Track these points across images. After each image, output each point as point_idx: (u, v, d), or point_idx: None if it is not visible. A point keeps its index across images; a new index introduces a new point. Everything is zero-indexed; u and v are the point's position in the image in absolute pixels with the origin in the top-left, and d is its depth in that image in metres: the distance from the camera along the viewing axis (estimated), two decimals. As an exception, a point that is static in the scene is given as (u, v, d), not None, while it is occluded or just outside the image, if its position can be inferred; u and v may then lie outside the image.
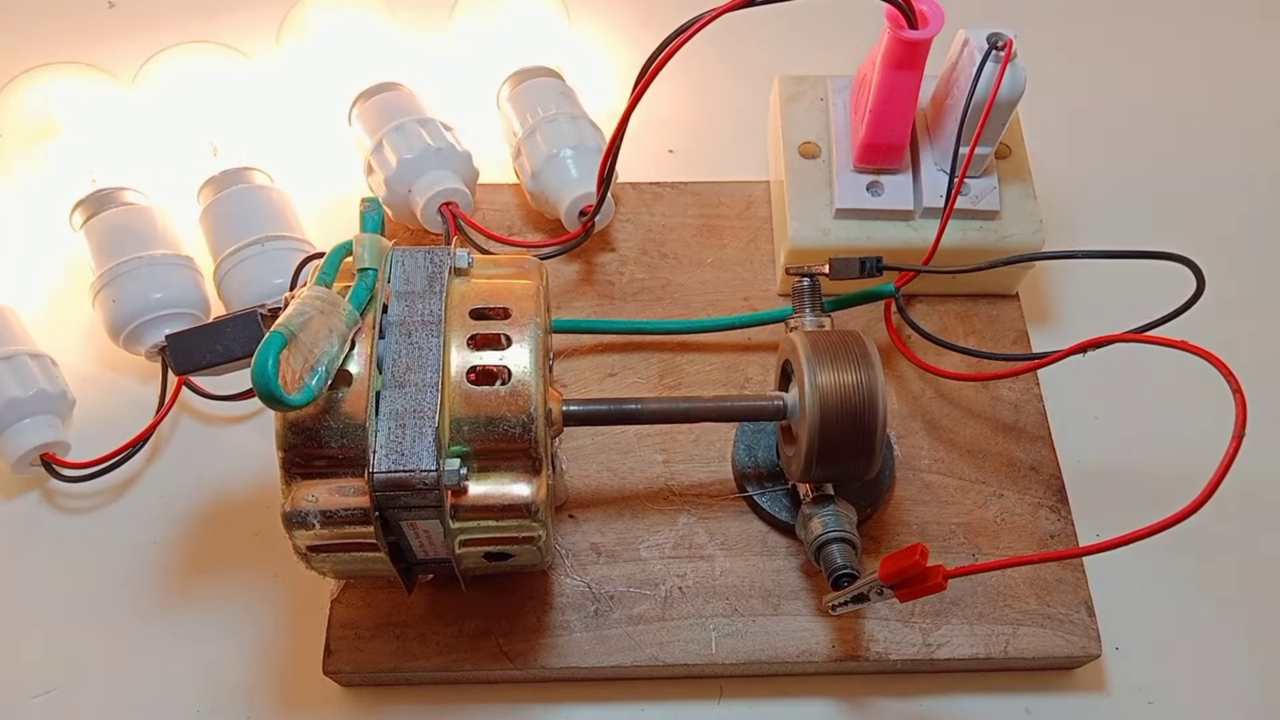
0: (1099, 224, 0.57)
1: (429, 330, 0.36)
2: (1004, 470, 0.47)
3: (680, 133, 0.59)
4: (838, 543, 0.40)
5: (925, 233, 0.48)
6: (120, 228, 0.49)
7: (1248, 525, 0.47)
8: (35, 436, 0.46)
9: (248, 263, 0.48)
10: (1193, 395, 0.48)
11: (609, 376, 0.50)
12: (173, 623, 0.45)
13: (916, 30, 0.42)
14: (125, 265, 0.48)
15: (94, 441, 0.47)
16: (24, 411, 0.46)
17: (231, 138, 0.52)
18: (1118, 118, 0.61)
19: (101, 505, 0.48)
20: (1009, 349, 0.50)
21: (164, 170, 0.53)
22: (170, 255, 0.49)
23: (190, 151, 0.52)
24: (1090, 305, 0.53)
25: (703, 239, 0.54)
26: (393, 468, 0.34)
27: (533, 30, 0.56)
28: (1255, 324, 0.53)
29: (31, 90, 0.51)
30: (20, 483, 0.48)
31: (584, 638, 0.43)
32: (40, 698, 0.43)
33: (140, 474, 0.49)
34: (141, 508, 0.48)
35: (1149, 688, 0.44)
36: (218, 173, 0.51)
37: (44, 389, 0.46)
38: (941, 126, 0.48)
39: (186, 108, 0.52)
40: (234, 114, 0.53)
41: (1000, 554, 0.45)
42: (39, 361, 0.47)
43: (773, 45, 0.58)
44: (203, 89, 0.53)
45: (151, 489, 0.48)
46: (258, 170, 0.52)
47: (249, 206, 0.50)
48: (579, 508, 0.46)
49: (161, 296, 0.47)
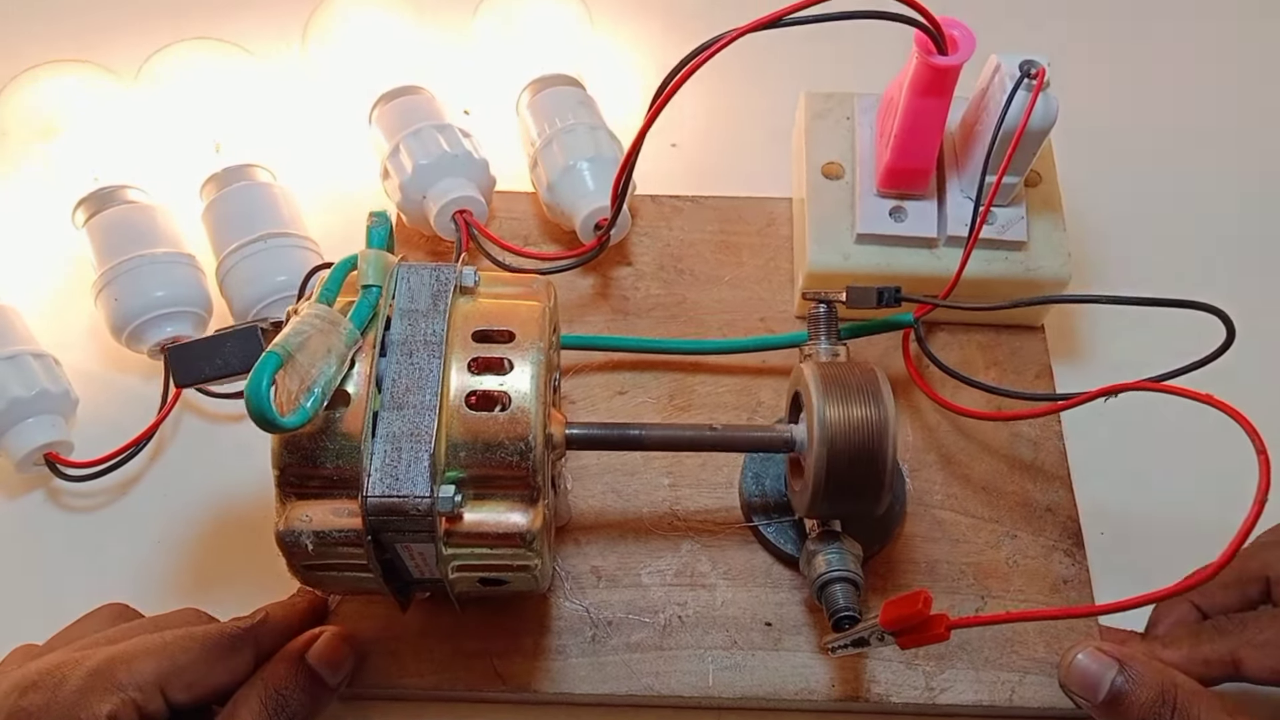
0: (1131, 259, 0.55)
1: (430, 351, 0.36)
2: (1019, 510, 0.46)
3: (702, 143, 0.58)
4: (840, 583, 0.39)
5: (948, 261, 0.47)
6: (122, 226, 0.49)
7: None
8: (39, 436, 0.46)
9: (250, 260, 0.48)
10: (1218, 446, 0.46)
11: (618, 394, 0.49)
12: None
13: (946, 56, 0.41)
14: (127, 264, 0.47)
15: (97, 440, 0.47)
16: (27, 411, 0.46)
17: (233, 135, 0.52)
18: (1157, 150, 0.58)
19: (105, 504, 0.48)
20: (1031, 383, 0.49)
21: (166, 168, 0.53)
22: (172, 253, 0.49)
23: (192, 149, 0.52)
24: (1119, 341, 0.52)
25: (721, 255, 0.53)
26: (387, 492, 0.34)
27: (555, 35, 0.55)
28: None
29: (33, 89, 0.51)
30: (24, 482, 0.48)
31: (580, 663, 0.42)
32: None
33: (143, 473, 0.49)
34: (144, 507, 0.48)
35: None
36: (220, 170, 0.51)
37: (47, 388, 0.46)
38: (969, 153, 0.46)
39: (188, 105, 0.52)
40: (236, 111, 0.53)
41: (1010, 597, 0.44)
42: (42, 361, 0.47)
43: (801, 57, 0.57)
44: (204, 86, 0.52)
45: (154, 488, 0.48)
46: (260, 167, 0.52)
47: (251, 204, 0.50)
48: (582, 529, 0.45)
49: (164, 295, 0.47)
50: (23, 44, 0.60)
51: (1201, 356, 0.40)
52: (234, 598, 0.45)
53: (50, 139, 0.51)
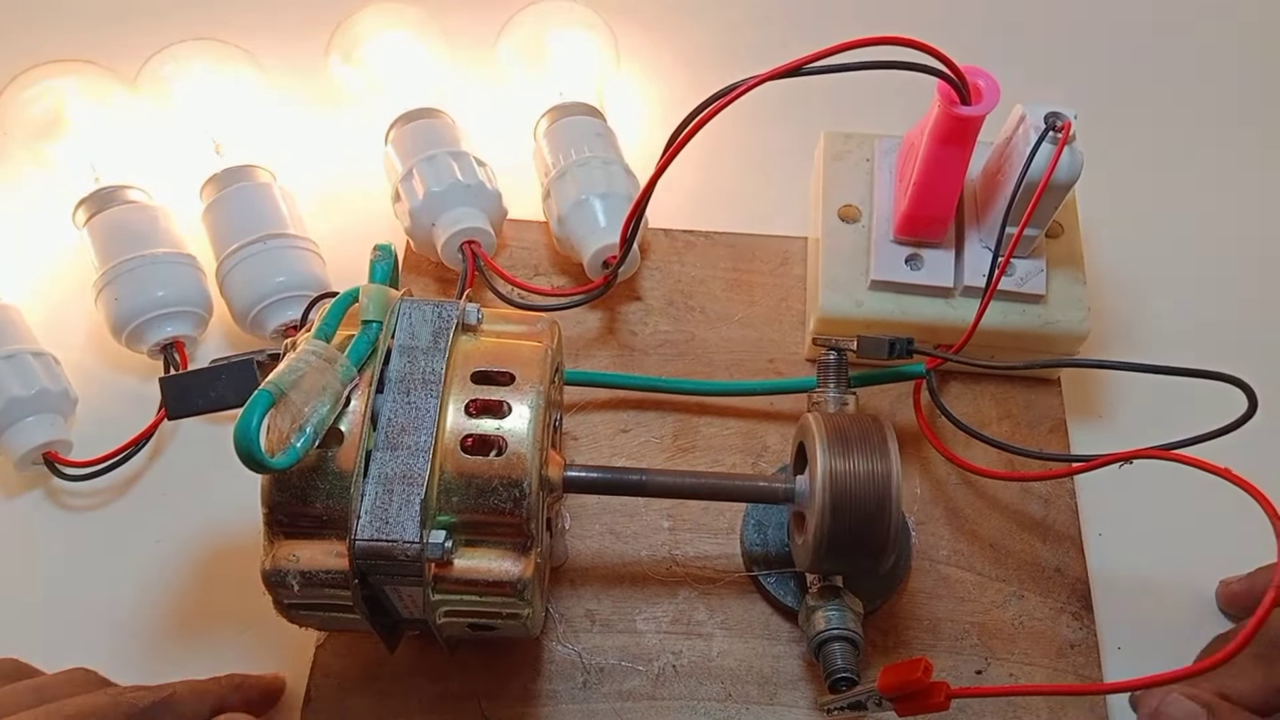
0: (1153, 317, 0.53)
1: (428, 390, 0.35)
2: (1027, 569, 0.45)
3: (718, 178, 0.57)
4: (839, 641, 0.38)
5: (964, 311, 0.46)
6: (122, 226, 0.49)
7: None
8: (38, 435, 0.46)
9: (249, 261, 0.48)
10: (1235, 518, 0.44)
11: (621, 433, 0.48)
12: (174, 621, 0.45)
13: (970, 106, 0.40)
14: (127, 264, 0.47)
15: (96, 440, 0.47)
16: (26, 410, 0.46)
17: (234, 135, 0.52)
18: (1184, 205, 0.57)
19: (104, 504, 0.48)
20: (1045, 438, 0.48)
21: (167, 168, 0.53)
22: (172, 254, 0.48)
23: (193, 149, 0.52)
24: (1137, 399, 0.50)
25: (732, 294, 0.52)
26: (375, 536, 0.33)
27: (579, 63, 0.54)
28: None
29: (34, 88, 0.51)
30: (23, 481, 0.48)
31: (570, 710, 0.41)
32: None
33: (142, 472, 0.48)
34: (144, 506, 0.47)
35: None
36: (220, 170, 0.51)
37: (46, 387, 0.46)
38: (990, 203, 0.45)
39: (189, 105, 0.52)
40: (236, 111, 0.52)
41: (1015, 660, 0.43)
42: (41, 360, 0.47)
43: (822, 95, 0.56)
44: (205, 86, 0.52)
45: (154, 488, 0.48)
46: (260, 168, 0.52)
47: (251, 204, 0.50)
48: (578, 570, 0.44)
49: (164, 295, 0.47)
50: (24, 44, 0.60)
51: (1222, 425, 0.38)
52: (233, 598, 0.44)
53: (51, 139, 0.50)
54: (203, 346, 0.51)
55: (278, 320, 0.48)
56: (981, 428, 0.46)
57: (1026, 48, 0.63)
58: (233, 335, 0.51)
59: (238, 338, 0.51)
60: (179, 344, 0.48)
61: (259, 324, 0.48)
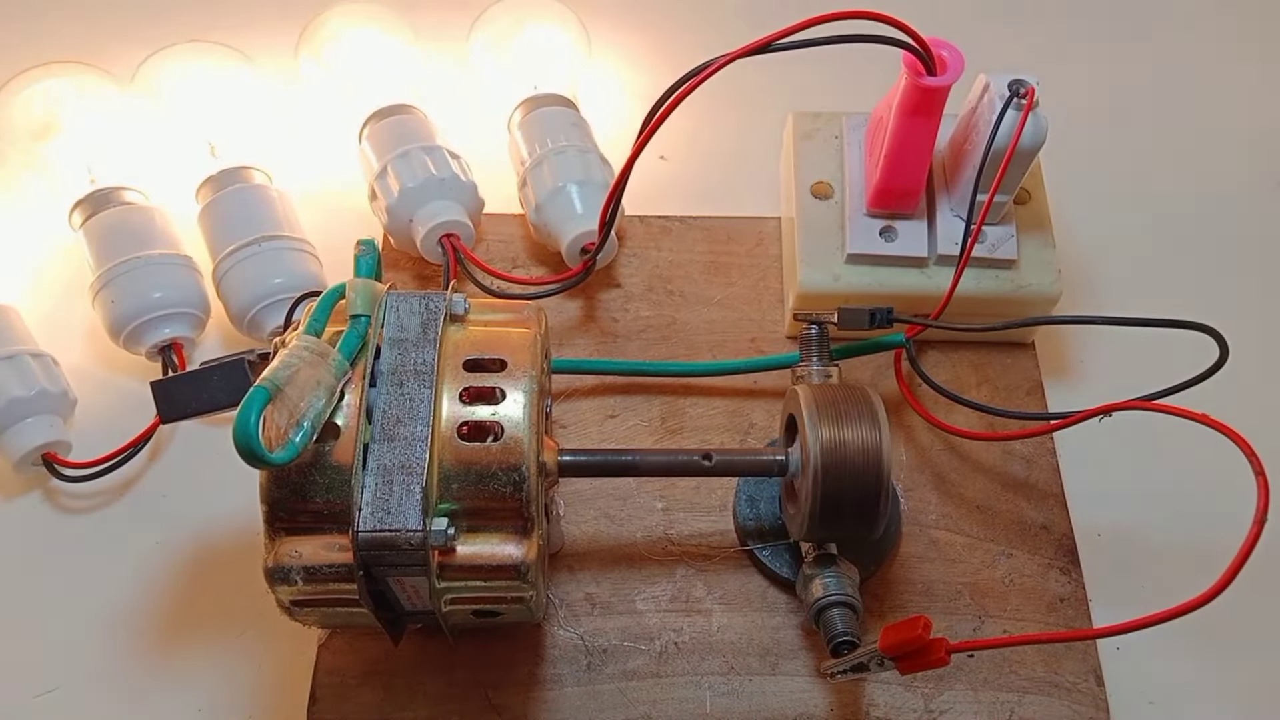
0: (1121, 275, 0.54)
1: (421, 381, 0.35)
2: (1014, 528, 0.46)
3: (691, 162, 0.58)
4: (838, 607, 0.39)
5: (939, 280, 0.47)
6: (119, 227, 0.49)
7: (1264, 607, 0.45)
8: (37, 436, 0.45)
9: (246, 262, 0.48)
10: (1213, 464, 0.46)
11: (610, 418, 0.48)
12: (174, 622, 0.44)
13: (935, 77, 0.41)
14: (124, 265, 0.47)
15: (95, 441, 0.47)
16: (25, 411, 0.45)
17: (229, 137, 0.52)
18: (1148, 165, 0.58)
19: (103, 505, 0.47)
20: (1023, 400, 0.49)
21: (162, 170, 0.52)
22: (169, 255, 0.48)
23: (188, 151, 0.51)
24: (1111, 357, 0.52)
25: (710, 276, 0.53)
26: (378, 526, 0.33)
27: (551, 55, 0.55)
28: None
29: (30, 90, 0.50)
30: (22, 482, 0.48)
31: (575, 693, 0.42)
32: (41, 697, 0.43)
33: (141, 474, 0.48)
34: (143, 507, 0.47)
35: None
36: (216, 172, 0.50)
37: (45, 388, 0.46)
38: (959, 172, 0.46)
39: (184, 107, 0.52)
40: (232, 113, 0.52)
41: (1008, 617, 0.44)
42: (40, 361, 0.47)
43: (790, 76, 0.57)
44: (200, 88, 0.52)
45: (153, 488, 0.48)
46: (256, 170, 0.52)
47: (247, 206, 0.50)
48: (575, 555, 0.45)
49: (161, 296, 0.47)
50: (20, 45, 0.60)
51: (1195, 374, 0.40)
52: (233, 598, 0.44)
53: (47, 140, 0.50)
54: (200, 348, 0.51)
55: (275, 322, 0.48)
56: (961, 394, 0.46)
57: (987, 16, 0.64)
58: (230, 337, 0.51)
59: (235, 339, 0.51)
60: (177, 345, 0.48)
61: (256, 325, 0.48)
